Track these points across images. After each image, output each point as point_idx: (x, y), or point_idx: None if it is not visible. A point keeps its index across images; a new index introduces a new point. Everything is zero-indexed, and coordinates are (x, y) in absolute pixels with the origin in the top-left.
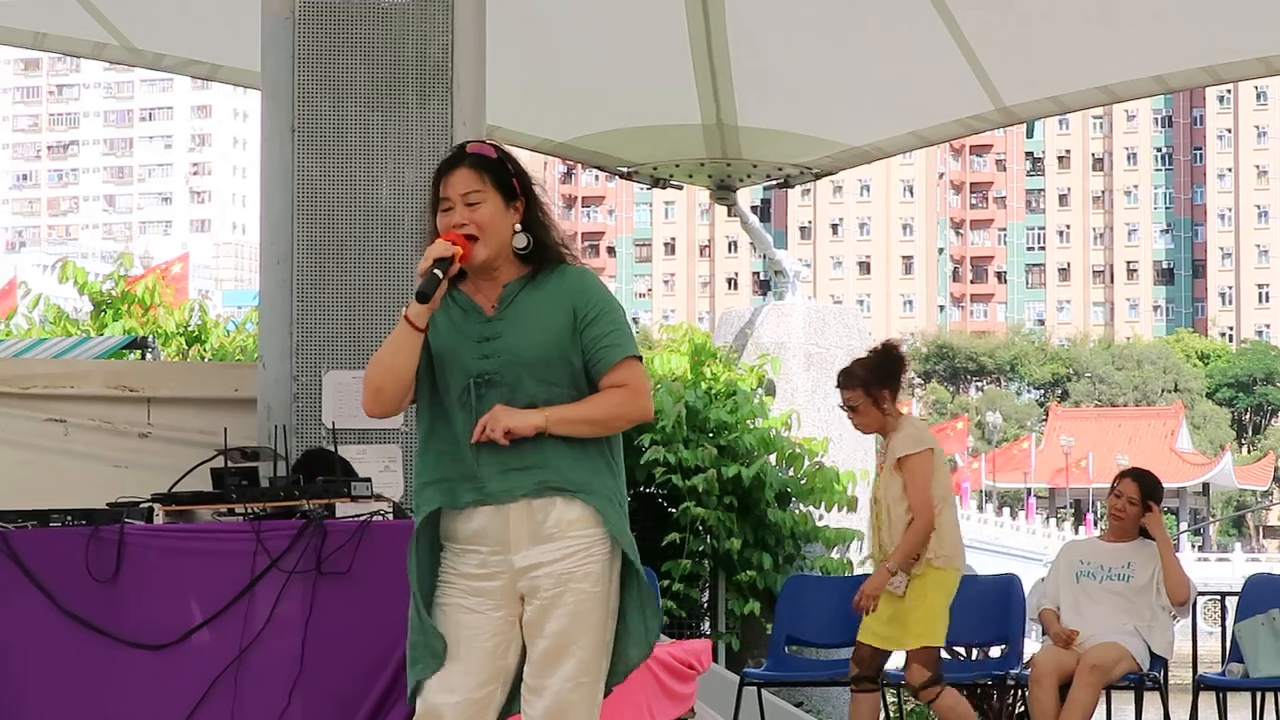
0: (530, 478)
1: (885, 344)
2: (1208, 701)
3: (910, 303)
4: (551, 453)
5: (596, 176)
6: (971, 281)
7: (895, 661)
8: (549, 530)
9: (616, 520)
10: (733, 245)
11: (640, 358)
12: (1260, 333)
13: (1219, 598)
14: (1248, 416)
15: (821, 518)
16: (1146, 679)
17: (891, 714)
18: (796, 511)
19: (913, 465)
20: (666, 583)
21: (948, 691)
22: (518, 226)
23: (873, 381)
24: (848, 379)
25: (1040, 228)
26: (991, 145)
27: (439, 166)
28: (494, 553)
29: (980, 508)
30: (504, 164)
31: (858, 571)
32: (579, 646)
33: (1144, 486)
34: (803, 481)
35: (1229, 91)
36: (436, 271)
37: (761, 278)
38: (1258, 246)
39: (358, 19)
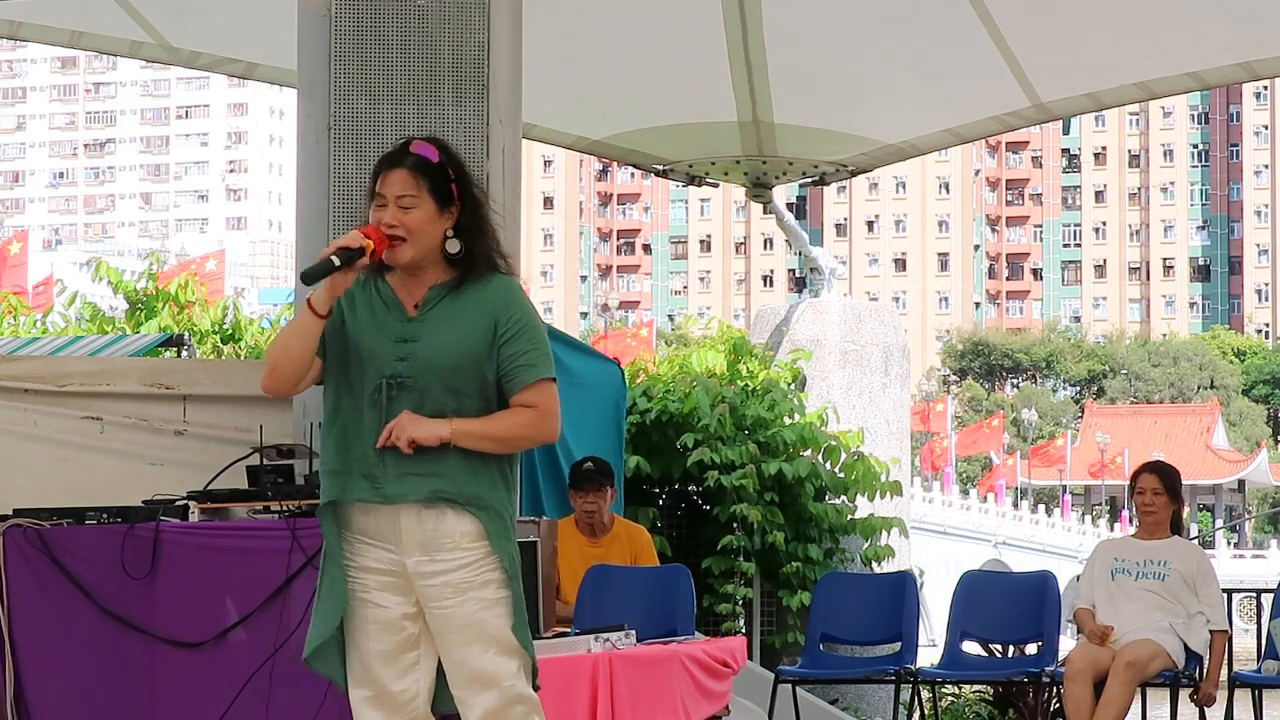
0: (426, 485)
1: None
2: (1243, 699)
3: (946, 300)
4: (451, 463)
5: (632, 174)
6: (1007, 278)
7: (928, 657)
8: (441, 539)
9: (500, 536)
10: (768, 242)
11: (554, 379)
12: None
13: (1254, 595)
14: None
15: (857, 509)
16: (1182, 676)
17: (925, 711)
18: (834, 504)
19: None
20: (708, 580)
21: None
22: (449, 232)
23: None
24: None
25: (1076, 224)
26: (1028, 142)
27: (381, 159)
28: (389, 551)
29: (1015, 505)
30: (444, 169)
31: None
32: (494, 653)
33: (1163, 476)
34: (840, 474)
35: (1265, 88)
36: (333, 258)
37: (797, 275)
38: None
39: (394, 17)
